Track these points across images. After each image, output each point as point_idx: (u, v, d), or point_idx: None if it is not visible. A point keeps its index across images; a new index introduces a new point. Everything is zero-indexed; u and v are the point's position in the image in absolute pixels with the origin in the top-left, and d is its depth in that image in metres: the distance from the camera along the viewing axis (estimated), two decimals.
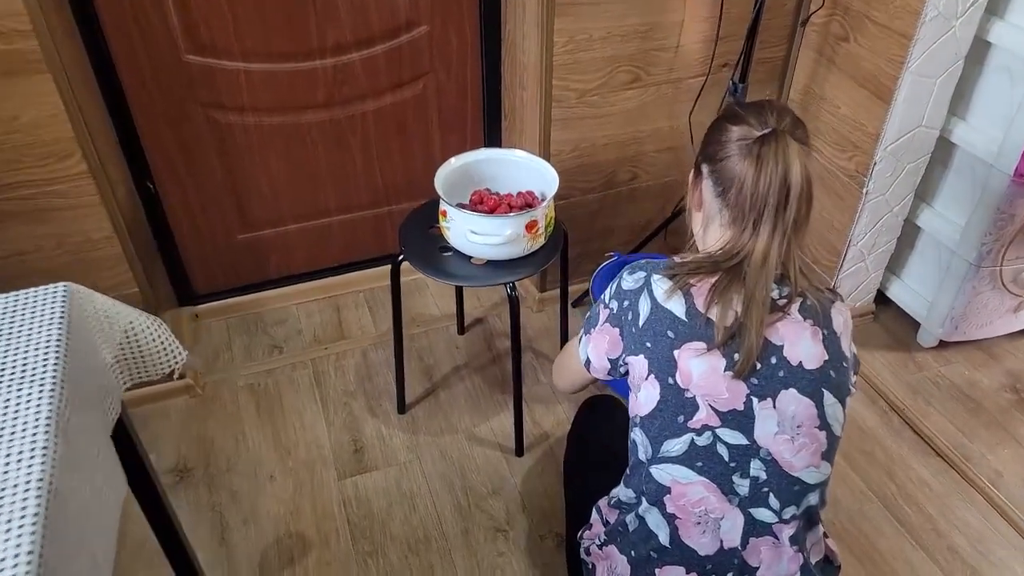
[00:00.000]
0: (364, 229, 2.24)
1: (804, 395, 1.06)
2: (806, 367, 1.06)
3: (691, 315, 1.06)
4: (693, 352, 1.05)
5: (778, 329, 1.06)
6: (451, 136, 2.15)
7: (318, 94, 1.95)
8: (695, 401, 1.06)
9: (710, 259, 1.10)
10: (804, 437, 1.06)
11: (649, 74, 1.92)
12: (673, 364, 1.06)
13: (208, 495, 1.75)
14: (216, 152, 1.96)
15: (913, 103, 1.81)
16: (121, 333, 1.13)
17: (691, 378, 1.05)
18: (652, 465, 1.11)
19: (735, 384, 1.05)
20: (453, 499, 1.76)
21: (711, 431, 1.06)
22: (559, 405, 1.98)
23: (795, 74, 2.06)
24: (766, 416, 1.05)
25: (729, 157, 1.09)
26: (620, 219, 2.18)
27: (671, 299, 1.07)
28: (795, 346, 1.06)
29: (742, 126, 1.09)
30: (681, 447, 1.08)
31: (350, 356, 2.10)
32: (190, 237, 2.08)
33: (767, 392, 1.05)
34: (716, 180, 1.12)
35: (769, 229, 1.05)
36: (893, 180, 1.94)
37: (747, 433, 1.06)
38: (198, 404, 1.96)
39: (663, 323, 1.07)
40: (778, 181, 1.04)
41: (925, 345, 2.16)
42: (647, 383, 1.09)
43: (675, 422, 1.08)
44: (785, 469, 1.07)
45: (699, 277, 1.08)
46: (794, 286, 1.08)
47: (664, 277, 1.09)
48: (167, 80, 1.81)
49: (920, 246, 2.14)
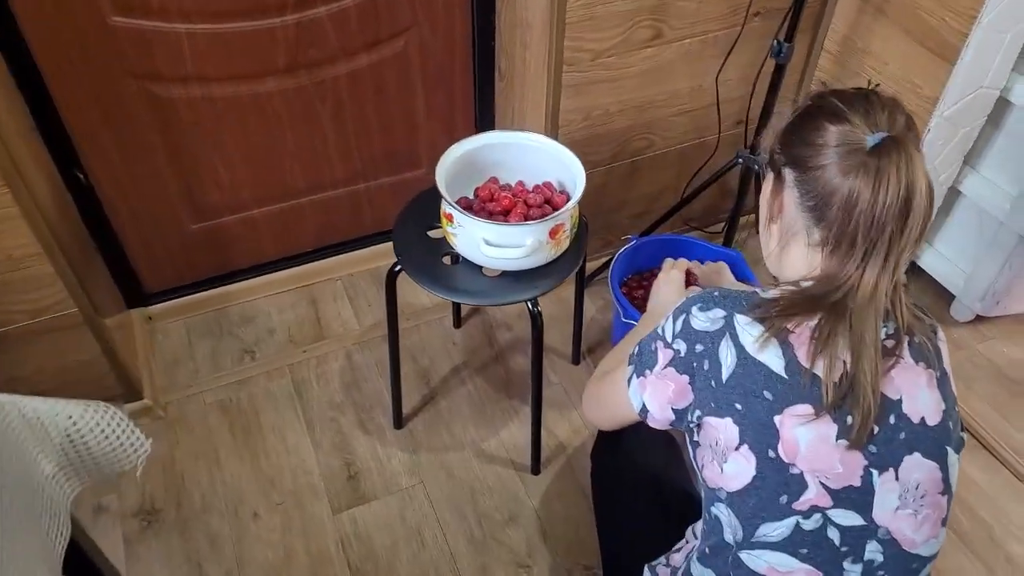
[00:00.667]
0: (339, 209, 1.94)
1: (929, 458, 0.89)
2: (928, 424, 0.88)
3: (792, 371, 0.86)
4: (798, 418, 0.86)
5: (893, 379, 0.88)
6: (437, 102, 1.84)
7: (279, 58, 1.62)
8: (802, 478, 0.87)
9: (805, 294, 0.90)
10: (928, 508, 0.90)
11: (672, 28, 1.63)
12: (774, 433, 0.87)
13: (182, 543, 1.52)
14: (157, 131, 1.63)
15: (979, 62, 1.57)
16: (62, 436, 0.88)
17: (797, 450, 0.87)
18: (743, 550, 0.92)
19: (850, 455, 0.87)
20: (466, 530, 1.56)
21: (821, 513, 0.88)
22: (574, 410, 1.77)
23: (832, 21, 1.79)
24: (887, 491, 0.88)
25: (826, 166, 0.88)
26: (632, 191, 1.92)
27: (765, 350, 0.87)
28: (914, 399, 0.88)
29: (844, 126, 0.88)
30: (783, 531, 0.89)
31: (333, 359, 1.84)
32: (133, 231, 1.76)
33: (888, 462, 0.88)
34: (806, 192, 0.91)
35: (881, 259, 0.86)
36: (945, 147, 1.72)
37: (864, 512, 0.88)
38: (161, 429, 1.69)
39: (756, 381, 0.87)
40: (900, 203, 0.85)
41: (960, 319, 2.00)
42: (738, 454, 0.89)
43: (776, 503, 0.89)
44: (905, 548, 0.90)
45: (796, 320, 0.88)
46: (901, 322, 0.89)
47: (752, 320, 0.89)
48: (91, 50, 1.47)
49: (958, 213, 1.94)
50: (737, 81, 1.78)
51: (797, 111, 0.96)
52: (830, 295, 0.88)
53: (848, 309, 0.87)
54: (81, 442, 0.91)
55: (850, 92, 0.92)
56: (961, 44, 1.53)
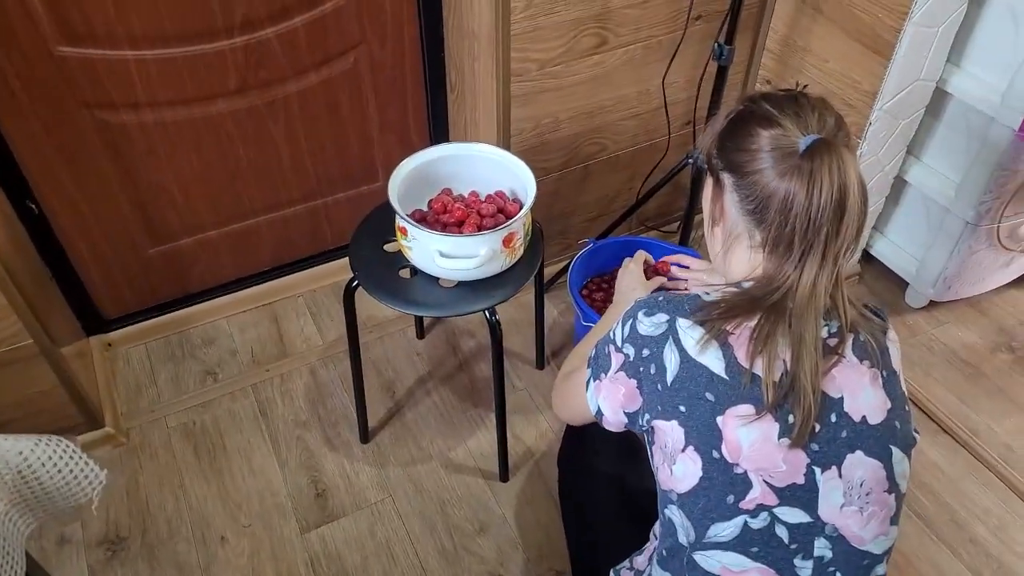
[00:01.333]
0: (297, 227, 1.94)
1: (872, 456, 0.90)
2: (871, 422, 0.89)
3: (732, 372, 0.87)
4: (740, 418, 0.87)
5: (834, 378, 0.89)
6: (390, 115, 1.85)
7: (229, 80, 1.62)
8: (747, 477, 0.88)
9: (745, 296, 0.91)
10: (874, 505, 0.90)
11: (616, 35, 1.66)
12: (717, 434, 0.88)
13: (149, 571, 1.51)
14: (109, 158, 1.63)
15: (913, 56, 1.61)
16: (12, 473, 0.87)
17: (740, 450, 0.87)
18: (696, 551, 0.93)
19: (793, 454, 0.87)
20: (436, 542, 1.56)
21: (768, 511, 0.89)
22: (540, 415, 1.78)
23: (772, 23, 1.83)
24: (831, 488, 0.89)
25: (763, 171, 0.90)
26: (586, 195, 1.95)
27: (705, 352, 0.88)
28: (856, 398, 0.89)
29: (776, 130, 0.90)
30: (732, 531, 0.90)
31: (297, 376, 1.84)
32: (90, 258, 1.75)
33: (831, 459, 0.88)
34: (745, 196, 0.93)
35: (819, 258, 0.87)
36: (887, 139, 1.77)
37: (810, 510, 0.89)
38: (124, 456, 1.68)
39: (698, 383, 0.88)
40: (833, 203, 0.86)
41: (914, 306, 2.04)
42: (684, 456, 0.90)
43: (723, 503, 0.90)
44: (854, 544, 0.91)
45: (736, 322, 0.89)
46: (844, 320, 0.90)
47: (694, 323, 0.89)
48: (38, 80, 1.46)
49: (906, 201, 1.99)
50: (684, 83, 1.82)
51: (730, 116, 0.97)
52: (770, 296, 0.89)
53: (787, 309, 0.88)
54: (33, 477, 0.90)
55: (780, 95, 0.94)
56: (895, 39, 1.58)
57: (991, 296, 2.06)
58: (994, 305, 2.05)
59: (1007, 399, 1.83)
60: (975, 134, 1.74)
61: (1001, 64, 1.64)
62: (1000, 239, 1.86)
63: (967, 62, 1.71)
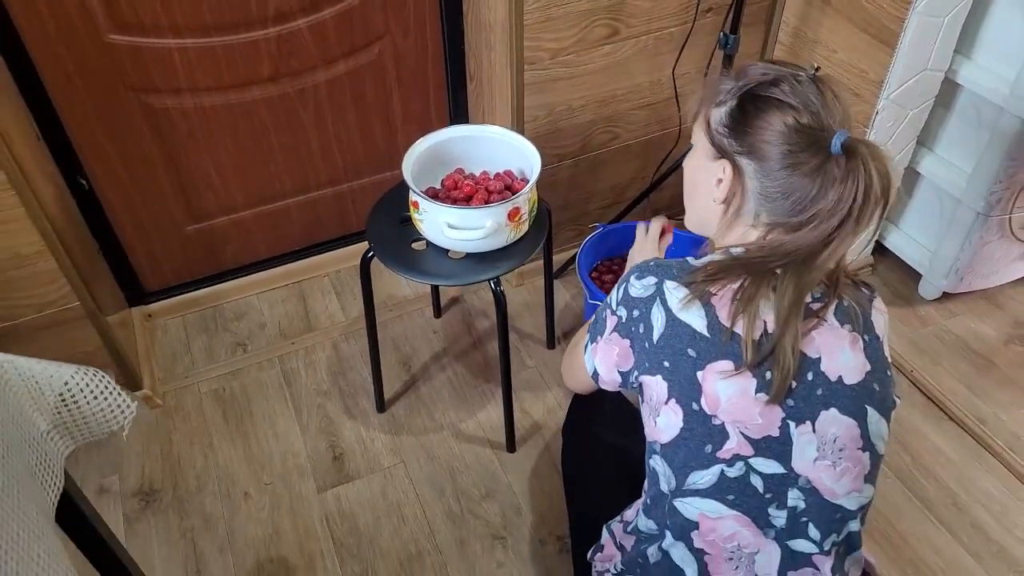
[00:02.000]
0: (325, 209, 2.06)
1: (846, 415, 0.93)
2: (847, 382, 0.93)
3: (713, 329, 0.92)
4: (719, 373, 0.92)
5: (814, 339, 0.92)
6: (413, 104, 1.95)
7: (263, 68, 1.74)
8: (724, 429, 0.93)
9: (734, 260, 0.95)
10: (847, 461, 0.94)
11: (628, 26, 1.73)
12: (697, 387, 0.93)
13: (179, 521, 1.62)
14: (154, 139, 1.76)
15: (919, 46, 1.65)
16: (55, 397, 0.97)
17: (719, 403, 0.92)
18: (676, 498, 0.98)
19: (769, 408, 0.92)
20: (444, 506, 1.64)
21: (743, 461, 0.94)
22: (548, 391, 1.85)
23: (784, 16, 1.88)
24: (805, 441, 0.93)
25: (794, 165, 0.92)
26: (600, 182, 2.02)
27: (688, 310, 0.93)
28: (833, 358, 0.93)
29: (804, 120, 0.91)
30: (710, 479, 0.95)
31: (320, 350, 1.95)
32: (134, 233, 1.88)
33: (805, 415, 0.92)
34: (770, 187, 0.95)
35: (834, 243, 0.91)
36: (896, 128, 1.80)
37: (784, 461, 0.93)
38: (160, 417, 1.81)
39: (681, 339, 0.93)
40: (881, 194, 0.89)
41: (927, 297, 2.06)
42: (667, 408, 0.96)
43: (702, 452, 0.94)
44: (827, 497, 0.95)
45: (720, 283, 0.93)
46: (835, 287, 0.94)
47: (679, 284, 0.94)
48: (91, 65, 1.60)
49: (919, 193, 2.01)
50: (694, 74, 1.88)
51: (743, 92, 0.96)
52: (760, 261, 0.92)
53: (775, 274, 0.91)
54: (73, 403, 1.00)
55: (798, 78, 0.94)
56: (899, 29, 1.62)
57: (1006, 289, 2.06)
58: (1009, 299, 2.05)
59: (1018, 390, 1.84)
60: (986, 125, 1.76)
61: (1010, 55, 1.67)
62: (1012, 230, 1.87)
63: (977, 53, 1.74)
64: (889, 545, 1.57)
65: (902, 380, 1.88)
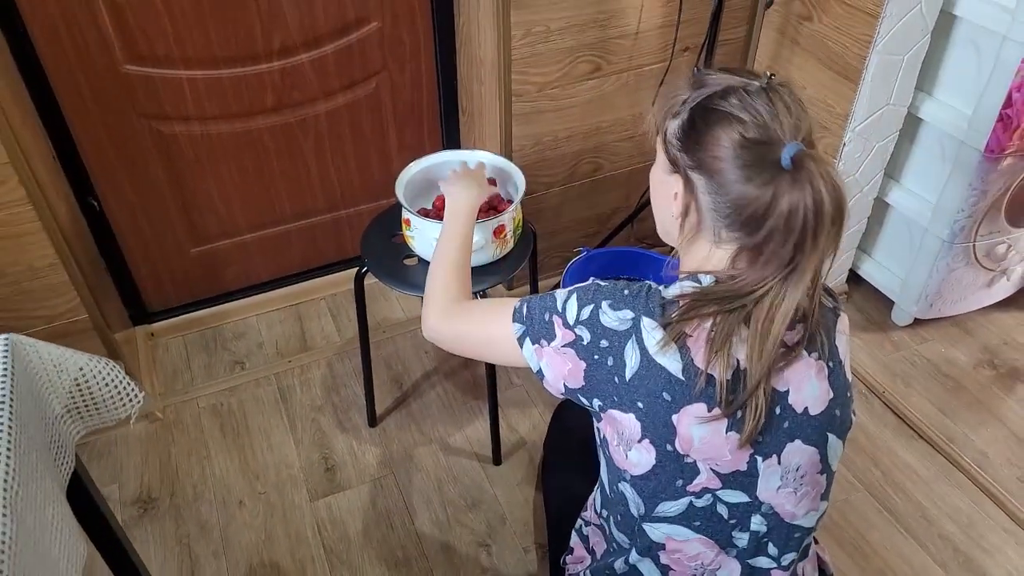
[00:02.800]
0: (322, 234, 2.16)
1: (809, 444, 0.95)
2: (811, 413, 0.94)
3: (688, 373, 0.89)
4: (694, 418, 0.90)
5: (782, 372, 0.91)
6: (408, 135, 2.07)
7: (267, 99, 1.86)
8: (695, 466, 0.93)
9: (705, 295, 0.90)
10: (807, 486, 0.98)
11: (610, 63, 1.86)
12: (672, 430, 0.91)
13: (175, 527, 1.67)
14: (162, 164, 1.86)
15: (881, 82, 1.77)
16: (71, 382, 1.05)
17: (691, 444, 0.92)
18: (645, 522, 1.01)
19: (739, 448, 0.92)
20: (431, 515, 1.70)
21: (711, 493, 0.95)
22: (534, 408, 1.92)
23: (757, 56, 2.01)
24: (770, 473, 0.95)
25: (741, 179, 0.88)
26: (585, 211, 2.12)
27: (665, 354, 0.89)
28: (800, 391, 0.93)
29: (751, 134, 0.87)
30: (679, 508, 0.98)
31: (315, 368, 2.02)
32: (140, 254, 1.98)
33: (772, 449, 0.94)
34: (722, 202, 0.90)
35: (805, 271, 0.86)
36: (863, 160, 1.91)
37: (749, 492, 0.96)
38: (159, 429, 1.87)
39: (657, 382, 0.90)
40: (812, 212, 0.84)
41: (900, 324, 2.14)
42: (640, 446, 0.94)
43: (672, 486, 0.95)
44: (786, 520, 0.99)
45: (694, 324, 0.89)
46: (812, 323, 0.91)
47: (657, 325, 0.90)
48: (106, 93, 1.71)
49: (890, 223, 2.11)
50: None
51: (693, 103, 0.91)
52: (732, 300, 0.88)
53: (749, 312, 0.88)
54: (86, 388, 1.07)
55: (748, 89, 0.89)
56: (861, 67, 1.74)
57: (976, 316, 2.15)
58: (979, 325, 2.14)
59: (986, 410, 1.91)
60: (948, 157, 1.87)
61: (967, 91, 1.79)
62: (977, 257, 1.97)
63: (937, 90, 1.86)
64: (859, 555, 1.62)
65: (875, 401, 1.95)
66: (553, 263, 2.15)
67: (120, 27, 1.64)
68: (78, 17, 1.59)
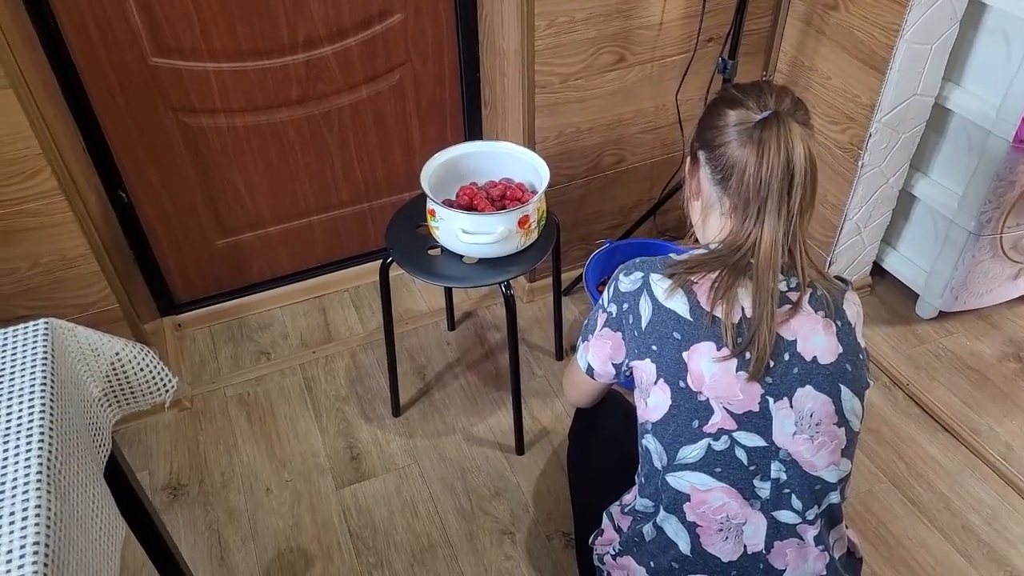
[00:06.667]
0: (346, 227, 2.17)
1: (821, 391, 1.02)
2: (821, 362, 1.02)
3: (695, 314, 1.01)
4: (703, 353, 1.01)
5: (790, 324, 1.01)
6: (431, 127, 2.08)
7: (291, 91, 1.88)
8: (709, 404, 1.02)
9: (711, 255, 1.06)
10: (823, 435, 1.02)
11: (633, 54, 1.85)
12: (683, 367, 1.02)
13: (204, 513, 1.70)
14: (189, 156, 1.89)
15: (908, 72, 1.75)
16: (107, 365, 1.07)
17: (703, 380, 1.01)
18: (668, 473, 1.06)
19: (749, 385, 1.01)
20: (455, 503, 1.71)
21: (728, 435, 1.02)
22: (556, 399, 1.93)
23: (782, 46, 2.00)
24: (783, 416, 1.01)
25: (728, 143, 1.04)
26: (608, 203, 2.12)
27: (672, 298, 1.03)
28: (808, 340, 1.01)
29: (740, 110, 1.04)
30: (698, 453, 1.04)
31: (339, 359, 2.04)
32: (167, 245, 2.00)
33: (782, 391, 1.01)
34: (715, 167, 1.07)
35: (774, 218, 1.01)
36: (889, 151, 1.90)
37: (765, 435, 1.02)
38: (188, 418, 1.90)
39: (667, 324, 1.03)
40: (781, 166, 0.99)
41: (924, 316, 2.13)
42: (656, 388, 1.05)
43: (689, 427, 1.03)
44: (806, 469, 1.03)
45: (700, 274, 1.03)
46: (802, 276, 1.03)
47: (663, 276, 1.04)
48: (134, 85, 1.73)
49: (915, 216, 2.10)
50: (697, 100, 1.99)
51: (707, 104, 1.14)
52: (733, 254, 1.02)
53: (748, 264, 1.01)
54: (123, 372, 1.09)
55: (747, 84, 1.09)
56: (889, 56, 1.72)
57: (1001, 309, 2.13)
58: (1005, 319, 2.12)
59: (1011, 403, 1.90)
60: (975, 148, 1.86)
61: (996, 81, 1.77)
62: (1004, 249, 1.95)
63: (965, 80, 1.84)
64: (884, 545, 1.62)
65: (898, 393, 1.94)
66: (575, 255, 2.16)
67: (148, 20, 1.66)
68: (107, 11, 1.61)
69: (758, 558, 1.05)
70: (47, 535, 0.78)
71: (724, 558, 1.05)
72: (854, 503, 1.69)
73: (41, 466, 0.83)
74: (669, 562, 1.08)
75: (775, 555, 1.05)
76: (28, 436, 0.86)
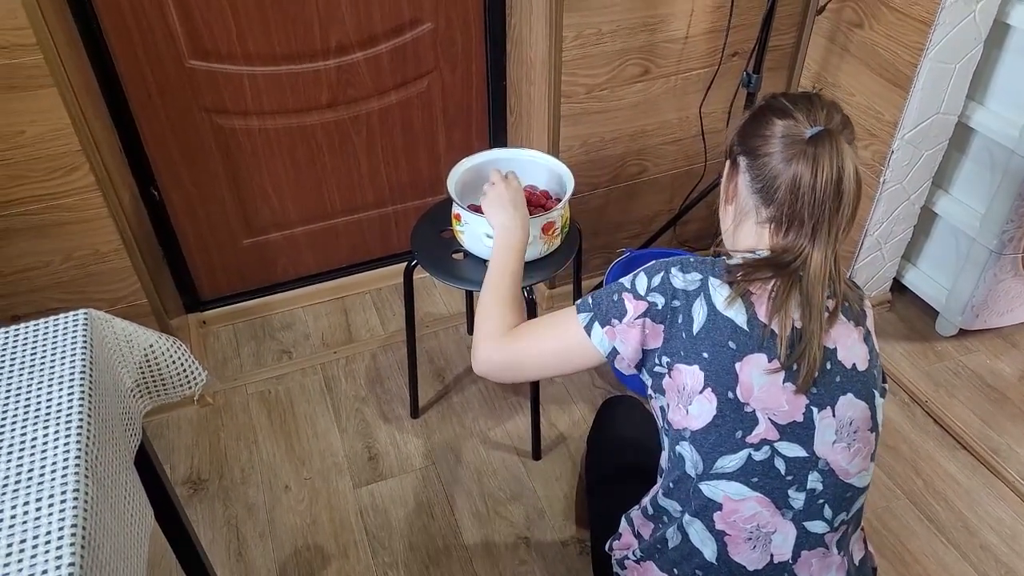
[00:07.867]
0: (370, 230, 2.21)
1: (860, 399, 1.02)
2: (859, 369, 1.02)
3: (753, 325, 0.99)
4: (754, 365, 0.99)
5: (829, 333, 1.01)
6: (456, 134, 2.11)
7: (322, 96, 1.91)
8: (755, 415, 1.00)
9: (768, 262, 1.03)
10: (859, 442, 1.03)
11: (658, 66, 1.88)
12: (734, 377, 0.99)
13: (223, 508, 1.73)
14: (220, 157, 1.92)
15: (931, 90, 1.76)
16: (141, 357, 1.10)
17: (752, 392, 0.99)
18: (702, 481, 1.05)
19: (795, 397, 1.00)
20: (471, 506, 1.73)
21: (769, 445, 1.01)
22: (574, 405, 1.95)
23: (806, 61, 2.02)
24: (825, 426, 1.01)
25: (772, 154, 1.02)
26: (629, 213, 2.14)
27: (731, 307, 1.00)
28: (847, 348, 1.02)
29: (789, 121, 1.02)
30: (737, 463, 1.02)
31: (359, 359, 2.07)
32: (195, 243, 2.04)
33: (826, 401, 1.01)
34: (756, 176, 1.05)
35: (824, 234, 1.00)
36: (911, 168, 1.90)
37: (806, 445, 1.01)
38: (210, 414, 1.93)
39: (723, 333, 0.99)
40: (833, 184, 0.98)
41: (944, 334, 2.13)
42: (702, 397, 1.01)
43: (732, 438, 1.01)
44: (841, 477, 1.03)
45: (758, 284, 1.01)
46: (839, 289, 1.03)
47: (724, 283, 1.01)
48: (171, 87, 1.77)
49: (936, 233, 2.10)
50: (720, 113, 2.01)
51: (752, 110, 1.10)
52: (787, 264, 1.01)
53: (799, 277, 1.00)
54: (155, 364, 1.12)
55: (796, 94, 1.06)
56: (913, 74, 1.74)
57: (1023, 328, 2.12)
58: None
59: None
60: (998, 167, 1.86)
61: (1019, 101, 1.78)
62: None
63: (989, 99, 1.85)
64: (900, 562, 1.62)
65: (916, 410, 1.94)
66: (595, 263, 2.18)
67: (186, 23, 1.70)
68: (148, 15, 1.66)
69: (783, 568, 1.05)
70: (84, 518, 0.80)
71: (750, 567, 1.05)
72: (871, 519, 1.69)
73: (80, 451, 0.86)
74: (693, 569, 1.08)
75: (801, 565, 1.05)
76: (68, 421, 0.89)
